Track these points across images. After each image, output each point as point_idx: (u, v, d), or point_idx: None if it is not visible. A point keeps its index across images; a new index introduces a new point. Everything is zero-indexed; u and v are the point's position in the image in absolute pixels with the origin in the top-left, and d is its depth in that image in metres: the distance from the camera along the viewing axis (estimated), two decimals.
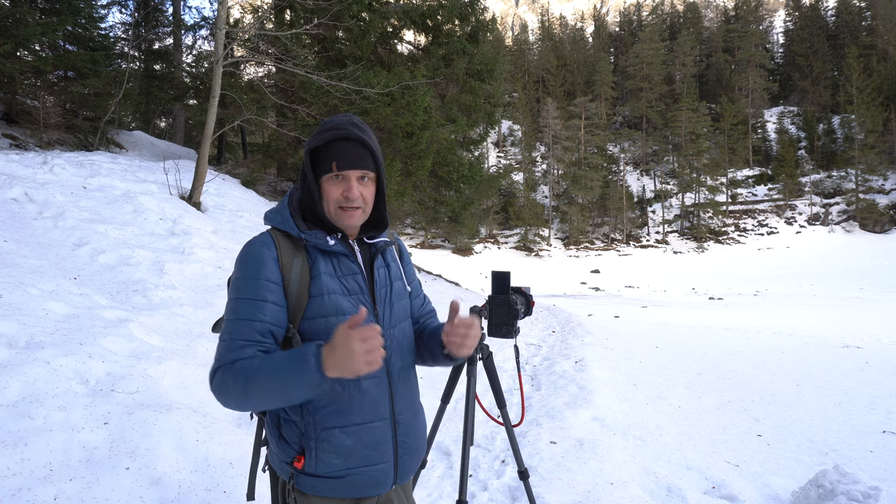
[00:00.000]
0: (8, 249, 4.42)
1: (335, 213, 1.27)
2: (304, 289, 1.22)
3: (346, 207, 1.25)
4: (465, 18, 13.24)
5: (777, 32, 74.75)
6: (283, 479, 1.25)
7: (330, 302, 1.22)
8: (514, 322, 2.13)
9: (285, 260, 1.22)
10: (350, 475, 1.21)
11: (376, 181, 1.32)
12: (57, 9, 10.62)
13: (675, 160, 54.05)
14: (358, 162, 1.25)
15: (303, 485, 1.21)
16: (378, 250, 1.36)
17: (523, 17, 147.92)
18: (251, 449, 2.76)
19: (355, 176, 1.26)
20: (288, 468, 1.22)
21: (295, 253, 1.24)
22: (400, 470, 1.30)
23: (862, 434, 4.90)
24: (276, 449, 1.26)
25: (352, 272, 1.28)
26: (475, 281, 23.65)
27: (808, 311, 16.18)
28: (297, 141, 12.02)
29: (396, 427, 1.29)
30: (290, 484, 1.21)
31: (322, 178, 1.27)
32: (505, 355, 6.17)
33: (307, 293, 1.22)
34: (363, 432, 1.23)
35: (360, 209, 1.27)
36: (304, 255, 1.24)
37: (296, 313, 1.21)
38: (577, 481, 3.11)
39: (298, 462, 1.20)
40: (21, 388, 2.55)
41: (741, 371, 7.53)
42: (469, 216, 15.11)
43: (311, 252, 1.26)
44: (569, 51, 72.58)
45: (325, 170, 1.26)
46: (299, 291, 1.21)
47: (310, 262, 1.24)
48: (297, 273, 1.22)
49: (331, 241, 1.26)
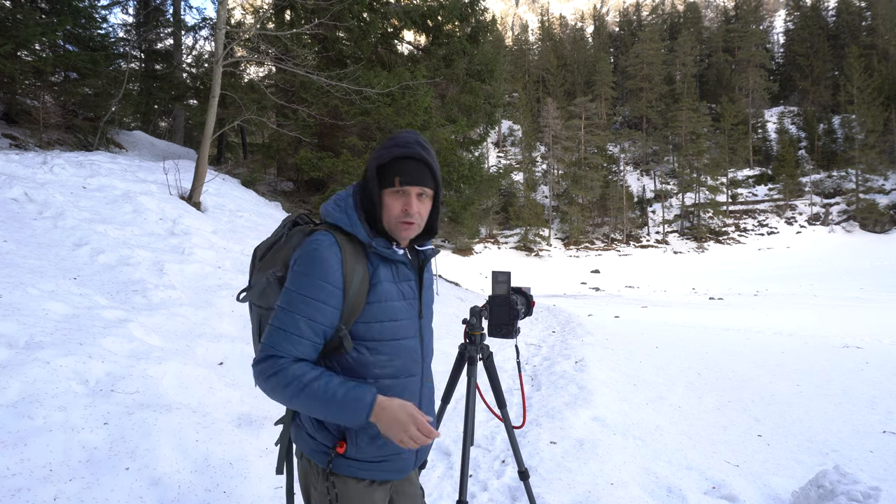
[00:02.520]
0: (8, 249, 4.42)
1: (395, 225, 1.33)
2: (363, 295, 1.29)
3: (404, 222, 1.32)
4: (466, 19, 13.24)
5: (777, 32, 74.75)
6: (310, 462, 1.34)
7: (387, 308, 1.31)
8: (514, 322, 2.13)
9: (349, 265, 1.27)
10: (384, 461, 1.33)
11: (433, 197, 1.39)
12: (57, 9, 10.61)
13: (675, 160, 54.06)
14: (419, 179, 1.32)
15: (340, 467, 1.30)
16: (427, 258, 1.45)
17: (523, 17, 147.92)
18: (251, 449, 2.77)
19: (415, 192, 1.32)
20: (328, 453, 1.30)
21: (357, 258, 1.29)
22: (418, 457, 1.43)
23: (862, 434, 4.90)
24: (315, 435, 1.33)
25: (408, 278, 1.39)
26: (475, 281, 23.65)
27: (809, 311, 16.18)
28: (298, 141, 12.01)
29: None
30: (329, 467, 1.29)
31: (384, 191, 1.33)
32: (505, 355, 6.17)
33: (365, 299, 1.29)
34: None
35: (415, 224, 1.34)
36: (366, 261, 1.31)
37: (350, 316, 1.28)
38: (578, 481, 3.11)
39: (341, 447, 1.29)
40: (21, 389, 2.55)
41: (741, 371, 7.53)
42: (469, 216, 15.10)
43: (373, 259, 1.32)
44: (569, 51, 72.59)
45: (388, 183, 1.32)
46: (357, 297, 1.28)
47: (370, 268, 1.31)
48: (358, 279, 1.28)
49: (398, 249, 1.35)
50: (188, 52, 16.61)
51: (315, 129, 11.99)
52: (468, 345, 2.12)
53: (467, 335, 2.13)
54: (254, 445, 2.83)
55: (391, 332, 1.32)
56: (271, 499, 2.50)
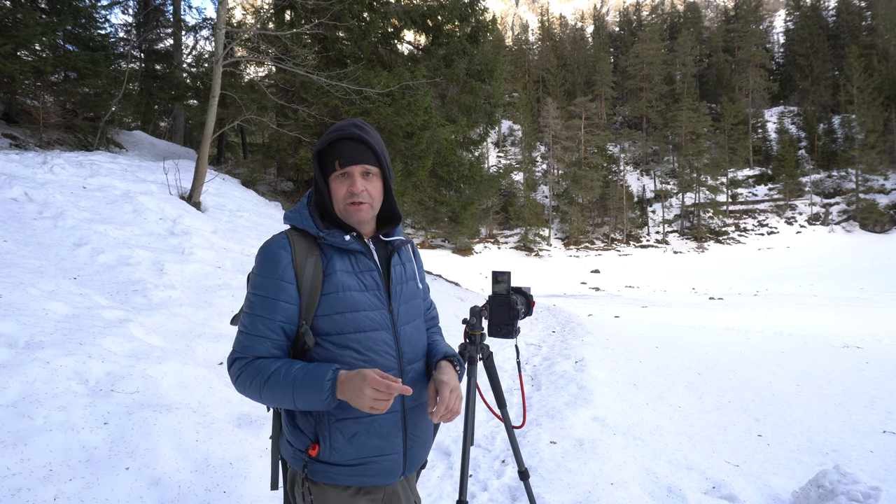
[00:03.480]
0: (8, 249, 4.42)
1: (344, 209, 1.33)
2: (317, 287, 1.27)
3: (354, 203, 1.31)
4: (466, 19, 13.23)
5: (777, 32, 74.74)
6: (294, 470, 1.30)
7: (345, 298, 1.29)
8: (514, 322, 2.13)
9: (299, 259, 1.27)
10: (362, 464, 1.27)
11: (382, 178, 1.37)
12: (57, 9, 10.61)
13: (675, 160, 54.05)
14: (360, 158, 1.31)
15: (315, 473, 1.26)
16: (394, 248, 1.41)
17: (523, 17, 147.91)
18: (251, 449, 2.77)
19: (358, 171, 1.32)
20: (302, 457, 1.27)
21: (309, 252, 1.29)
22: (408, 461, 1.35)
23: (862, 434, 4.90)
24: (290, 438, 1.31)
25: (368, 269, 1.35)
26: (475, 281, 23.66)
27: (809, 311, 16.18)
28: (298, 141, 12.01)
29: (406, 419, 1.34)
30: (304, 473, 1.26)
31: (330, 179, 1.33)
32: (505, 355, 6.17)
33: (320, 291, 1.28)
34: (375, 422, 1.28)
35: (366, 204, 1.33)
36: (319, 253, 1.30)
37: (308, 310, 1.27)
38: (578, 481, 3.11)
39: (313, 450, 1.25)
40: (21, 388, 2.54)
41: (741, 371, 7.53)
42: (469, 216, 15.10)
43: (327, 250, 1.31)
44: (569, 51, 72.60)
45: (330, 169, 1.32)
46: (312, 289, 1.27)
47: (324, 260, 1.30)
48: (310, 272, 1.27)
49: (347, 238, 1.32)
50: (188, 52, 16.61)
51: (315, 129, 11.99)
52: (468, 345, 2.12)
53: (467, 335, 2.13)
54: (254, 445, 2.83)
55: (353, 324, 1.28)
56: (271, 499, 2.50)
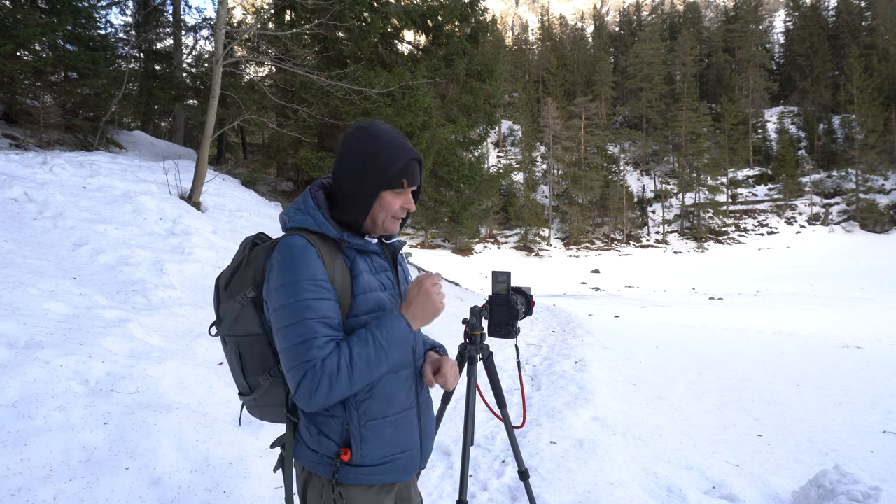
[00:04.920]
0: (8, 249, 4.42)
1: (387, 222, 1.34)
2: (348, 288, 1.26)
3: (398, 217, 1.35)
4: (466, 19, 13.24)
5: (777, 32, 74.75)
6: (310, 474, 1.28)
7: (372, 298, 1.29)
8: (514, 322, 2.13)
9: (327, 261, 1.24)
10: (390, 462, 1.29)
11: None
12: (57, 9, 10.61)
13: (675, 160, 54.07)
14: (419, 179, 1.36)
15: (346, 476, 1.25)
16: (396, 249, 1.45)
17: (523, 17, 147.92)
18: (251, 449, 2.77)
19: (411, 190, 1.36)
20: (331, 463, 1.25)
21: (333, 254, 1.27)
22: (423, 454, 1.38)
23: (862, 434, 4.90)
24: (315, 447, 1.27)
25: (383, 269, 1.37)
26: (475, 281, 23.66)
27: (808, 311, 16.18)
28: (298, 141, 12.01)
29: (420, 413, 1.37)
30: (335, 479, 1.24)
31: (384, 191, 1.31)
32: (505, 355, 6.17)
33: (350, 292, 1.26)
34: (401, 420, 1.30)
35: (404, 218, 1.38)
36: (342, 255, 1.29)
37: (342, 312, 1.25)
38: (578, 481, 3.11)
39: (345, 455, 1.23)
40: (21, 388, 2.54)
41: (741, 371, 7.53)
42: (469, 216, 15.11)
43: (348, 252, 1.30)
44: (569, 51, 72.63)
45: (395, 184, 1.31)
46: (343, 291, 1.25)
47: (347, 262, 1.29)
48: (339, 273, 1.25)
49: (372, 240, 1.35)
50: (188, 52, 16.61)
51: (315, 129, 11.99)
52: (468, 344, 2.12)
53: (467, 335, 2.13)
54: (254, 445, 2.83)
55: None
56: (271, 499, 2.50)
